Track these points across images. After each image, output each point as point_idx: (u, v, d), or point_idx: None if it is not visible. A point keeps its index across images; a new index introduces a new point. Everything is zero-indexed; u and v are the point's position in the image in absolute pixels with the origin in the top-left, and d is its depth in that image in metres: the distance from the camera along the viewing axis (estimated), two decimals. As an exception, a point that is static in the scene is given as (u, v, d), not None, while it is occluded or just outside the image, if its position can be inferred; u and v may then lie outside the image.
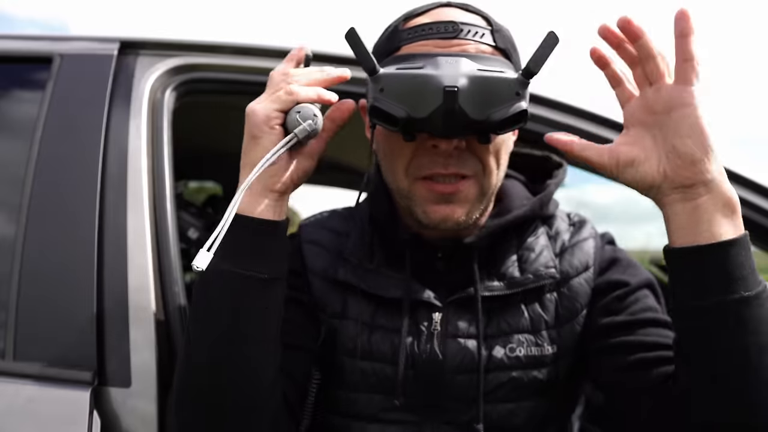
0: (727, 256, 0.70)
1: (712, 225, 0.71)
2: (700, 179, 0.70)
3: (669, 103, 0.71)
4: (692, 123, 0.70)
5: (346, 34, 0.78)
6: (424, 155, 0.84)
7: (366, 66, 0.78)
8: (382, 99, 0.78)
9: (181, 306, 1.02)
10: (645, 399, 0.82)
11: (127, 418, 0.92)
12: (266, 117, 0.78)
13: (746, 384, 0.70)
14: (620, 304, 0.91)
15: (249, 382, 0.79)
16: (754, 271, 0.71)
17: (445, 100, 0.74)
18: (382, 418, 0.91)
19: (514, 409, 0.90)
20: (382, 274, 0.93)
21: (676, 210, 0.73)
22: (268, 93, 0.80)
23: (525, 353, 0.90)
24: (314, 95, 0.79)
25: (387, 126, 0.79)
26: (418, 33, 0.84)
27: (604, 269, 0.95)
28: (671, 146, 0.72)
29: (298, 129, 0.77)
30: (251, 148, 0.79)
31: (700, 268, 0.71)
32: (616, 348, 0.87)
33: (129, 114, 1.12)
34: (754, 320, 0.69)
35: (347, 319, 0.93)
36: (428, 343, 0.89)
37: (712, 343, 0.71)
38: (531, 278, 0.91)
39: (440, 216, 0.85)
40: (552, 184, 1.00)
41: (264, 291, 0.78)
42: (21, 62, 1.20)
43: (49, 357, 0.94)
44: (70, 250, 1.01)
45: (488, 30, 0.84)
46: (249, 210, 0.79)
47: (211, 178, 2.95)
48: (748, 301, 0.69)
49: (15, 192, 1.05)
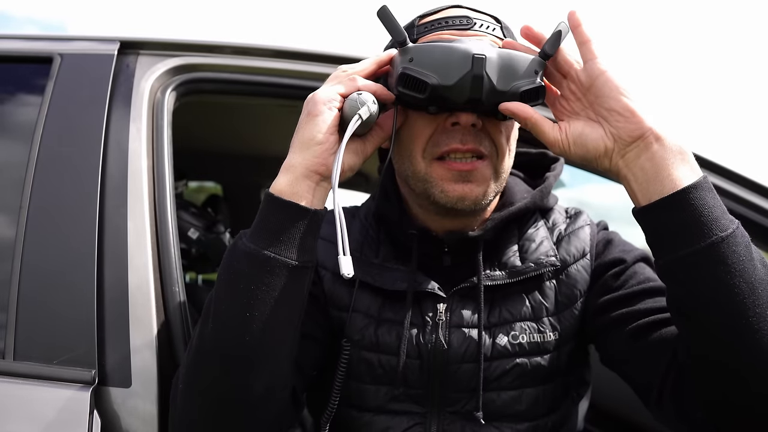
0: (695, 201, 0.71)
1: (672, 171, 0.73)
2: (646, 127, 0.75)
3: (586, 81, 0.79)
4: (612, 84, 0.77)
5: (379, 10, 0.83)
6: (443, 133, 0.86)
7: (397, 38, 0.82)
8: (411, 67, 0.80)
9: (181, 306, 1.02)
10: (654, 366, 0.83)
11: (127, 418, 0.92)
12: (328, 98, 0.80)
13: (744, 326, 0.69)
14: (618, 280, 0.93)
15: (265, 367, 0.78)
16: (725, 211, 0.73)
17: (474, 66, 0.78)
18: (390, 408, 0.93)
19: (517, 396, 0.92)
20: (388, 268, 0.95)
21: (634, 168, 0.76)
22: (329, 83, 0.83)
23: (528, 340, 0.92)
24: (374, 87, 0.83)
25: (415, 94, 0.81)
26: (434, 26, 0.88)
27: (600, 252, 0.97)
28: (607, 109, 0.77)
29: (362, 109, 0.79)
30: (305, 124, 0.80)
31: (671, 220, 0.72)
32: (619, 321, 0.89)
33: (129, 114, 1.12)
34: (735, 259, 0.70)
35: (355, 312, 0.95)
36: (433, 333, 0.91)
37: (700, 291, 0.71)
38: (532, 267, 0.94)
39: (458, 194, 0.87)
40: (551, 176, 1.03)
41: (290, 277, 0.78)
42: (21, 62, 1.20)
43: (49, 357, 0.94)
44: (70, 250, 1.01)
45: (498, 26, 0.89)
46: (289, 192, 0.79)
47: (211, 178, 2.96)
48: (726, 241, 0.70)
49: (15, 191, 1.05)
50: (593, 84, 0.78)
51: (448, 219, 0.93)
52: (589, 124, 0.79)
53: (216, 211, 2.26)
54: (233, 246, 0.81)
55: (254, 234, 0.78)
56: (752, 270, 0.70)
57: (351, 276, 0.75)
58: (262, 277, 0.77)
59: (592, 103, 0.79)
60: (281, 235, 0.77)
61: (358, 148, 0.85)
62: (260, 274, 0.77)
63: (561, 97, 0.84)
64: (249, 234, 0.79)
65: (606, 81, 0.77)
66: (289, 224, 0.78)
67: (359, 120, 0.79)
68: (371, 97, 0.81)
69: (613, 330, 0.90)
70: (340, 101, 0.81)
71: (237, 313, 0.77)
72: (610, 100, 0.77)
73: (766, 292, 0.70)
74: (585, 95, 0.80)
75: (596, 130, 0.78)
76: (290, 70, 1.25)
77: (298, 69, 1.25)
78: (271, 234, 0.77)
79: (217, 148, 2.43)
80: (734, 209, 1.17)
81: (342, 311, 0.96)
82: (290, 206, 0.78)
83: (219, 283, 0.80)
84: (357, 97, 0.80)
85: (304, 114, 0.81)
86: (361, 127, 0.82)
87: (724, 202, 0.76)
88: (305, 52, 1.25)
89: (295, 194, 0.78)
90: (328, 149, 0.79)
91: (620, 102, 0.76)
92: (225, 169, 2.71)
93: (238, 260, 0.78)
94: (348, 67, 0.85)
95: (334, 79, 0.84)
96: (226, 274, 0.79)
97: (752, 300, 0.69)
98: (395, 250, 0.97)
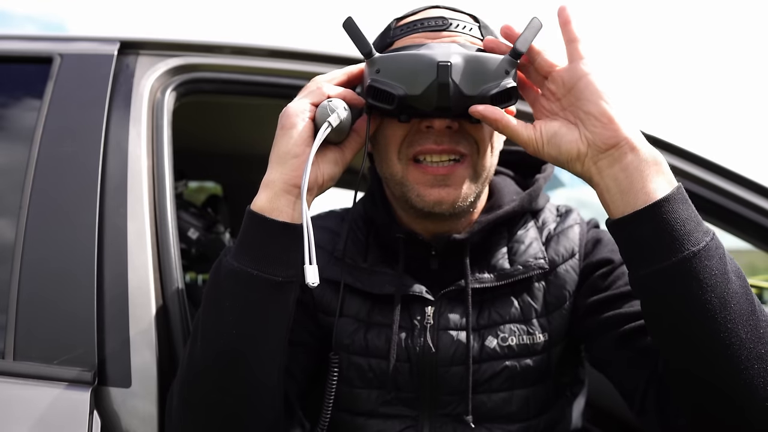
0: (667, 214, 0.70)
1: (646, 183, 0.72)
2: (622, 136, 0.73)
3: (568, 82, 0.77)
4: (594, 88, 0.75)
5: (344, 22, 0.81)
6: (417, 134, 0.86)
7: (363, 50, 0.81)
8: (378, 79, 0.80)
9: (181, 306, 1.02)
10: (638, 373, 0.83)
11: (127, 418, 0.92)
12: (299, 109, 0.80)
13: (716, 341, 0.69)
14: (605, 281, 0.92)
15: (255, 380, 0.80)
16: (699, 223, 0.72)
17: (439, 74, 0.77)
18: (382, 412, 0.93)
19: (508, 398, 0.92)
20: (377, 272, 0.95)
21: (607, 178, 0.74)
22: (300, 95, 0.83)
23: (517, 342, 0.91)
24: (344, 93, 0.82)
25: (383, 105, 0.80)
26: (409, 28, 0.87)
27: (588, 252, 0.97)
28: (585, 113, 0.75)
29: (331, 117, 0.79)
30: (280, 138, 0.80)
31: (643, 234, 0.71)
32: (605, 324, 0.88)
33: (129, 114, 1.12)
34: (707, 274, 0.69)
35: (344, 317, 0.95)
36: (421, 336, 0.91)
37: (671, 306, 0.71)
38: (520, 269, 0.93)
39: (434, 198, 0.86)
40: (541, 178, 1.02)
41: (276, 294, 0.79)
42: (21, 62, 1.20)
43: (49, 357, 0.94)
44: (70, 249, 1.01)
45: (476, 25, 0.88)
46: (269, 209, 0.79)
47: (211, 178, 2.95)
48: (698, 255, 0.69)
49: (15, 191, 1.05)
50: (575, 85, 0.76)
51: (431, 222, 0.93)
52: (566, 125, 0.78)
53: (216, 211, 2.26)
54: (218, 264, 0.82)
55: (238, 252, 0.79)
56: (725, 284, 0.69)
57: (316, 285, 0.74)
58: (247, 295, 0.78)
59: (572, 105, 0.77)
60: (264, 253, 0.78)
61: (337, 157, 0.85)
62: (245, 292, 0.78)
63: (541, 96, 0.82)
64: (233, 252, 0.80)
65: (588, 84, 0.75)
66: (270, 241, 0.78)
67: (329, 127, 0.79)
68: (342, 103, 0.80)
69: (600, 334, 0.89)
70: (311, 111, 0.80)
71: (224, 330, 0.78)
72: (589, 104, 0.75)
73: (739, 306, 0.69)
74: (566, 95, 0.78)
75: (572, 132, 0.77)
76: (290, 70, 1.25)
77: (298, 69, 1.25)
78: (253, 251, 0.78)
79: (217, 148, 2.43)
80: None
81: (331, 316, 0.95)
82: (271, 223, 0.78)
83: (206, 301, 0.81)
84: (327, 104, 0.80)
85: (279, 128, 0.81)
86: (336, 135, 0.81)
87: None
88: (305, 52, 1.25)
89: (275, 210, 0.78)
90: (305, 161, 0.78)
91: (599, 107, 0.74)
92: (225, 169, 2.71)
93: (223, 279, 0.79)
94: (320, 77, 0.85)
95: (305, 90, 0.84)
96: (213, 293, 0.81)
97: (724, 315, 0.68)
98: (383, 254, 0.97)
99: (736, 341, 0.68)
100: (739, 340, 0.68)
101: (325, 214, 1.09)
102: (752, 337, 0.69)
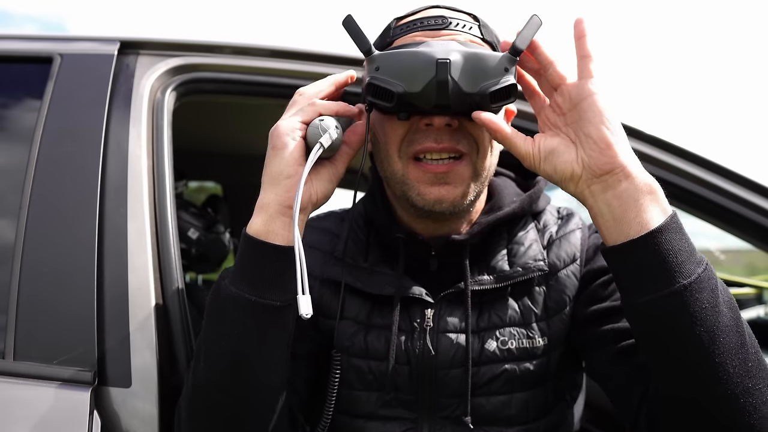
0: (660, 246, 0.70)
1: (640, 212, 0.71)
2: (617, 163, 0.73)
3: (575, 98, 0.76)
4: (597, 110, 0.74)
5: (344, 20, 0.81)
6: (417, 132, 0.85)
7: (362, 48, 0.81)
8: (377, 76, 0.80)
9: (181, 306, 1.02)
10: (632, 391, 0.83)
11: (127, 418, 0.92)
12: (289, 128, 0.80)
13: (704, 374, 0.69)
14: (605, 290, 0.92)
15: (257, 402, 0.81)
16: (693, 253, 0.71)
17: (438, 72, 0.77)
18: (381, 414, 0.93)
19: (507, 401, 0.91)
20: (377, 273, 0.95)
21: (600, 204, 0.74)
22: (289, 111, 0.83)
23: (517, 345, 0.91)
24: (335, 107, 0.82)
25: (382, 103, 0.81)
26: (409, 27, 0.87)
27: (590, 258, 0.96)
28: (585, 134, 0.75)
29: (323, 138, 0.79)
30: (272, 159, 0.80)
31: (635, 264, 0.71)
32: (604, 337, 0.88)
33: (129, 114, 1.12)
34: (697, 307, 0.69)
35: (344, 319, 0.95)
36: (421, 339, 0.91)
37: (659, 337, 0.71)
38: (520, 271, 0.93)
39: (435, 196, 0.86)
40: (541, 180, 1.02)
41: (275, 317, 0.79)
42: (21, 62, 1.20)
43: (49, 357, 0.94)
44: (70, 250, 1.01)
45: (476, 24, 0.88)
46: (264, 232, 0.79)
47: (211, 178, 2.95)
48: (689, 288, 0.69)
49: (15, 192, 1.05)
50: (580, 104, 0.76)
51: (431, 222, 0.93)
52: (564, 144, 0.77)
53: (216, 211, 2.26)
54: (216, 287, 0.82)
55: (235, 277, 0.79)
56: (714, 317, 0.69)
57: (309, 316, 0.74)
58: (246, 320, 0.78)
59: (574, 122, 0.77)
60: (261, 277, 0.78)
61: (330, 174, 0.85)
62: (243, 317, 0.78)
63: (548, 106, 0.81)
64: (230, 276, 0.80)
65: (592, 104, 0.74)
66: (267, 265, 0.78)
67: (321, 149, 0.79)
68: (333, 122, 0.80)
69: (598, 347, 0.89)
70: (302, 129, 0.80)
71: (225, 351, 0.79)
72: (590, 126, 0.74)
73: (729, 339, 0.69)
74: (570, 111, 0.77)
75: (569, 151, 0.76)
76: (290, 70, 1.25)
77: (298, 69, 1.25)
78: (250, 276, 0.78)
79: (217, 148, 2.43)
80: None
81: (331, 319, 0.95)
82: (267, 247, 0.78)
83: (206, 323, 0.82)
84: (319, 123, 0.79)
85: (270, 148, 0.81)
86: (327, 152, 0.81)
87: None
88: (305, 52, 1.25)
89: (271, 233, 0.78)
90: (298, 181, 0.78)
91: (599, 131, 0.73)
92: (225, 169, 2.71)
93: (222, 303, 0.80)
94: (305, 89, 0.84)
95: (293, 105, 0.83)
96: (212, 316, 0.81)
97: (712, 349, 0.68)
98: (384, 254, 0.97)
99: (724, 375, 0.69)
100: (727, 374, 0.68)
101: (325, 215, 1.09)
102: (740, 372, 0.69)
